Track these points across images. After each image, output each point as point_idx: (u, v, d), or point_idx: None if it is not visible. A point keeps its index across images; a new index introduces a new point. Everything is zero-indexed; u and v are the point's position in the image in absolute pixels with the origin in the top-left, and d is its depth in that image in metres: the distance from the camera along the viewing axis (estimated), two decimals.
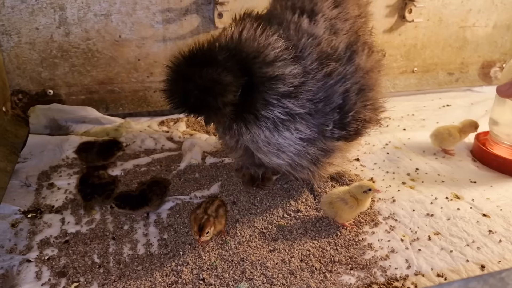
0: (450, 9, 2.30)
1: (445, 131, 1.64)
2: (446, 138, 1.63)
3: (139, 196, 1.25)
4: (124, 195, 1.27)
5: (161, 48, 1.89)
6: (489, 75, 2.56)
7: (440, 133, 1.65)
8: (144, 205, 1.24)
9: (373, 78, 1.25)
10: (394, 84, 2.37)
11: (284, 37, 1.13)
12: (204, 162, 1.55)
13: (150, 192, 1.26)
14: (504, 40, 2.53)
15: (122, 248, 1.13)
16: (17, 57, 1.72)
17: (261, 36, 1.09)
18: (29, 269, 1.05)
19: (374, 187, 1.19)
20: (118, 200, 1.24)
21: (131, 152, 1.62)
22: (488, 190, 1.43)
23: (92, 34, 1.78)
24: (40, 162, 1.51)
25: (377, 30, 2.19)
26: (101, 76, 1.87)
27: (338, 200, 1.19)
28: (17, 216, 1.24)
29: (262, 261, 1.08)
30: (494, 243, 1.17)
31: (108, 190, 1.31)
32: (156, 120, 1.92)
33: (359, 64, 1.20)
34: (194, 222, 1.12)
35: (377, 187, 1.18)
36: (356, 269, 1.07)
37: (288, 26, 1.17)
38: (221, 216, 1.17)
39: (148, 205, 1.25)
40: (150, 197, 1.25)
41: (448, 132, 1.63)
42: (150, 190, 1.27)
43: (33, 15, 1.67)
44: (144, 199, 1.25)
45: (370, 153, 1.66)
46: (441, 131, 1.65)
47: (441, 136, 1.65)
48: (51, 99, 1.81)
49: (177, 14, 1.86)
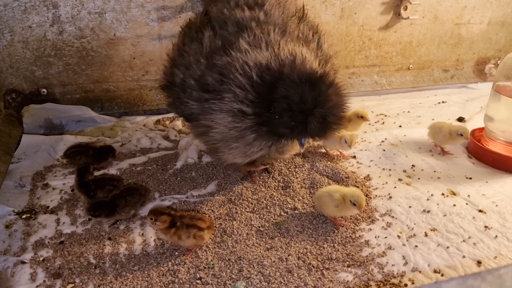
0: (445, 6, 2.31)
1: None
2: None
3: (110, 203, 1.20)
4: (98, 202, 1.21)
5: (157, 46, 1.88)
6: (484, 72, 2.57)
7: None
8: (114, 212, 1.19)
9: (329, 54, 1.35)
10: (390, 81, 2.37)
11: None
12: (201, 161, 1.54)
13: (121, 199, 1.20)
14: (498, 37, 2.54)
15: (118, 248, 1.12)
16: (10, 56, 1.71)
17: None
18: (23, 271, 1.04)
19: (361, 205, 1.16)
20: (92, 210, 1.18)
21: (127, 152, 1.61)
22: (484, 186, 1.43)
23: (86, 33, 1.76)
24: (34, 162, 1.50)
25: (372, 27, 2.22)
26: (96, 75, 1.85)
27: (326, 195, 1.20)
28: (11, 217, 1.23)
29: (259, 259, 1.08)
30: (490, 239, 1.17)
31: (110, 185, 1.30)
32: (152, 119, 1.91)
33: (325, 49, 1.31)
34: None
35: (360, 210, 1.18)
36: (353, 266, 1.07)
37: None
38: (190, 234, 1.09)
39: (117, 212, 1.19)
40: (118, 204, 1.20)
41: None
42: (121, 197, 1.21)
43: (26, 13, 1.66)
44: (113, 206, 1.19)
45: (366, 150, 1.66)
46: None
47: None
48: (45, 98, 1.80)
49: (172, 12, 1.84)
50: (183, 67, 1.27)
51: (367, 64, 2.31)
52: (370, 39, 2.24)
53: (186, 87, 1.25)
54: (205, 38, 1.25)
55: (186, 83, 1.24)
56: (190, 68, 1.24)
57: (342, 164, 1.56)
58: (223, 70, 1.17)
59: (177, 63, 1.30)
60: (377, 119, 1.97)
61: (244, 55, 1.16)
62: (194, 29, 1.33)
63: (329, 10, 2.10)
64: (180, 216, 1.10)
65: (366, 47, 2.26)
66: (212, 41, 1.24)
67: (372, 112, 1.98)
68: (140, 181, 1.42)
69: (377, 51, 2.29)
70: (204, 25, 1.30)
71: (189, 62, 1.25)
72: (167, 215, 1.08)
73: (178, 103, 1.31)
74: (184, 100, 1.26)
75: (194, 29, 1.33)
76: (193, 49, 1.26)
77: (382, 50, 2.30)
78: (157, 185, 1.40)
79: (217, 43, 1.23)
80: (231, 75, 1.14)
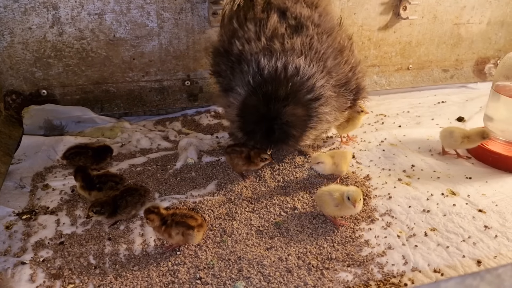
0: (444, 6, 2.31)
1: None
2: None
3: (111, 203, 1.20)
4: (102, 201, 1.21)
5: (156, 47, 1.89)
6: (483, 72, 2.57)
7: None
8: (116, 212, 1.20)
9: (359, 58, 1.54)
10: (390, 81, 2.37)
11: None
12: (201, 161, 1.55)
13: (121, 199, 1.21)
14: (498, 37, 2.54)
15: (118, 249, 1.13)
16: (10, 57, 1.71)
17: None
18: (23, 271, 1.04)
19: (355, 200, 1.15)
20: (99, 206, 1.19)
21: (127, 152, 1.61)
22: (484, 186, 1.43)
23: (86, 34, 1.77)
24: (34, 163, 1.50)
25: (372, 27, 2.22)
26: (95, 76, 1.86)
27: (326, 194, 1.20)
28: (11, 218, 1.23)
29: (259, 259, 1.08)
30: (490, 239, 1.17)
31: (112, 181, 1.31)
32: (151, 120, 1.91)
33: (356, 53, 1.47)
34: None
35: (358, 206, 1.17)
36: (353, 266, 1.07)
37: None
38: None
39: (118, 213, 1.20)
40: (120, 204, 1.20)
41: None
42: (122, 197, 1.22)
43: (26, 14, 1.66)
44: (114, 206, 1.20)
45: (366, 150, 1.67)
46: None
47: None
48: (45, 99, 1.80)
49: (171, 13, 1.85)
50: (243, 40, 1.37)
51: (367, 64, 2.31)
52: (370, 39, 2.25)
53: (242, 59, 1.35)
54: (271, 20, 1.35)
55: (243, 56, 1.34)
56: (250, 43, 1.35)
57: None
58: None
59: (238, 35, 1.39)
60: (376, 119, 1.97)
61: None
62: (260, 7, 1.43)
63: None
64: (172, 214, 1.11)
65: (365, 47, 2.26)
66: (277, 27, 1.36)
67: (371, 112, 1.98)
68: (140, 181, 1.42)
69: (376, 51, 2.29)
70: (269, 8, 1.41)
71: (249, 37, 1.36)
72: (155, 213, 1.10)
73: (229, 72, 1.40)
74: (236, 71, 1.36)
75: (260, 7, 1.43)
76: (255, 27, 1.37)
77: (381, 50, 2.30)
78: (157, 185, 1.40)
79: (281, 30, 1.35)
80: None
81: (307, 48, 1.33)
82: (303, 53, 1.32)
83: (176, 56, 1.93)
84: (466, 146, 1.58)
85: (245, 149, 1.41)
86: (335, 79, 1.39)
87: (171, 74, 1.97)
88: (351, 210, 1.19)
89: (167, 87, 1.98)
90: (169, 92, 1.99)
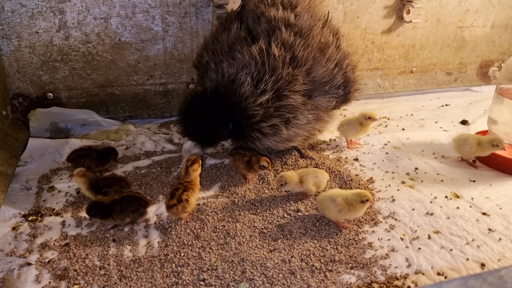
0: (447, 9, 2.31)
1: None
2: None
3: (108, 206, 1.20)
4: (96, 203, 1.22)
5: (161, 51, 1.90)
6: (487, 75, 2.57)
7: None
8: (109, 216, 1.20)
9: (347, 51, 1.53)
10: (393, 84, 2.37)
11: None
12: (204, 163, 1.56)
13: (118, 204, 1.21)
14: (502, 40, 2.54)
15: (123, 250, 1.14)
16: (17, 61, 1.73)
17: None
18: (29, 272, 1.05)
19: (370, 198, 1.18)
20: (89, 210, 1.20)
21: (131, 154, 1.62)
22: (488, 189, 1.43)
23: (92, 38, 1.79)
24: (40, 165, 1.52)
25: (375, 31, 2.23)
26: (101, 79, 1.88)
27: (328, 199, 1.20)
28: (17, 219, 1.24)
29: (263, 261, 1.08)
30: (494, 242, 1.17)
31: (117, 185, 1.32)
32: (156, 123, 1.92)
33: (343, 48, 1.48)
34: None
35: (372, 197, 1.20)
36: (356, 268, 1.08)
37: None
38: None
39: (112, 217, 1.20)
40: (115, 209, 1.20)
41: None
42: (119, 203, 1.21)
43: (33, 19, 1.68)
44: (111, 210, 1.20)
45: (369, 153, 1.67)
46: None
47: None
48: (51, 102, 1.82)
49: (176, 17, 1.87)
50: (210, 52, 1.46)
51: (370, 68, 2.31)
52: (373, 42, 2.25)
53: (208, 69, 1.45)
54: (232, 28, 1.42)
55: (209, 66, 1.44)
56: (215, 53, 1.44)
57: (345, 167, 1.56)
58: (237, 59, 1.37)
59: (208, 47, 1.50)
60: (380, 122, 1.98)
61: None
62: (228, 20, 1.49)
63: (332, 15, 2.11)
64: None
65: (369, 50, 2.27)
66: (238, 32, 1.42)
67: (380, 119, 1.98)
68: (145, 183, 1.43)
69: (380, 55, 2.30)
70: (236, 17, 1.48)
71: (215, 48, 1.45)
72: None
73: (201, 81, 1.53)
74: (205, 80, 1.47)
75: (228, 20, 1.49)
76: (223, 37, 1.45)
77: (385, 54, 2.31)
78: (161, 188, 1.41)
79: (240, 34, 1.41)
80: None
81: (266, 55, 1.33)
82: (259, 60, 1.33)
83: (181, 59, 1.95)
84: (480, 153, 1.54)
85: (248, 153, 1.42)
86: (315, 79, 1.38)
87: (176, 78, 1.98)
88: (355, 213, 1.19)
89: (172, 90, 2.00)
90: (174, 95, 2.00)
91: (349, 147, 1.71)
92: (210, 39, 1.52)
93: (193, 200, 1.21)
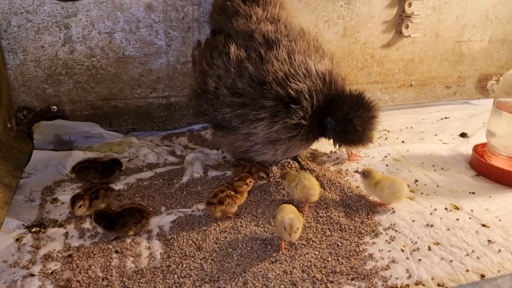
0: (445, 24, 2.35)
1: None
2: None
3: (113, 218, 1.21)
4: (104, 212, 1.24)
5: (164, 65, 1.94)
6: (486, 88, 2.60)
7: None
8: (112, 229, 1.21)
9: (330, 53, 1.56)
10: (393, 97, 2.40)
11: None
12: (206, 175, 1.57)
13: (120, 218, 1.22)
14: (499, 54, 2.57)
15: (125, 261, 1.14)
16: (22, 74, 1.77)
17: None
18: (32, 283, 1.05)
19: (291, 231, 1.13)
20: (96, 215, 1.21)
21: (134, 167, 1.64)
22: (487, 200, 1.44)
23: (96, 52, 1.82)
24: (44, 177, 1.54)
25: (375, 45, 2.27)
26: (105, 92, 1.91)
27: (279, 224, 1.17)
28: (21, 231, 1.25)
29: (264, 272, 1.09)
30: (494, 253, 1.18)
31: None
32: (158, 135, 1.95)
33: (325, 50, 1.54)
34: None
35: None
36: (357, 279, 1.08)
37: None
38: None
39: (114, 230, 1.21)
40: (118, 223, 1.21)
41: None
42: (121, 216, 1.22)
43: (39, 33, 1.72)
44: (114, 223, 1.21)
45: (370, 165, 1.68)
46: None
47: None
48: (55, 115, 1.85)
49: (179, 32, 1.91)
50: (215, 77, 1.44)
51: (370, 81, 2.35)
52: (373, 56, 2.29)
53: (219, 95, 1.42)
54: (231, 51, 1.42)
55: (219, 91, 1.41)
56: (221, 78, 1.42)
57: (346, 178, 1.58)
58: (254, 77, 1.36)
59: (210, 74, 1.46)
60: (380, 135, 1.99)
61: (283, 66, 1.35)
62: (221, 45, 1.50)
63: (332, 29, 2.16)
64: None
65: (368, 64, 2.30)
66: (238, 53, 1.42)
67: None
68: (147, 195, 1.44)
69: (379, 68, 2.33)
70: (228, 41, 1.48)
71: (219, 74, 1.43)
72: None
73: (211, 109, 1.47)
74: (217, 106, 1.43)
75: (221, 45, 1.50)
76: (222, 62, 1.43)
77: (384, 67, 2.34)
78: (164, 199, 1.42)
79: (242, 54, 1.41)
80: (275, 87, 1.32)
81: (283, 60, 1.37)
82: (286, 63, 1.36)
83: (183, 73, 1.98)
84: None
85: (249, 164, 1.45)
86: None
87: (178, 91, 2.01)
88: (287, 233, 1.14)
89: (174, 103, 2.03)
90: (176, 108, 2.03)
91: (349, 159, 1.72)
92: (206, 66, 1.49)
93: (231, 209, 1.31)
